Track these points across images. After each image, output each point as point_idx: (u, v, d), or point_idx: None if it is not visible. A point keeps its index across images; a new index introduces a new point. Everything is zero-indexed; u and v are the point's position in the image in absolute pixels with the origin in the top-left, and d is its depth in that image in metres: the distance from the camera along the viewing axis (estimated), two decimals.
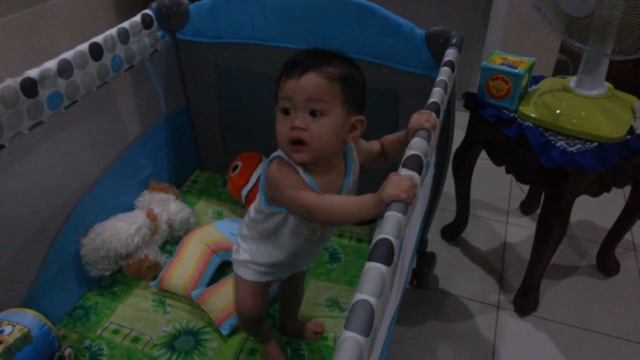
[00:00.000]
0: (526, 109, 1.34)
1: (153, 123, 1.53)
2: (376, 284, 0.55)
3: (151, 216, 1.36)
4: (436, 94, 0.97)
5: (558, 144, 1.25)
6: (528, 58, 1.37)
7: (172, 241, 1.46)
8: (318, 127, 0.81)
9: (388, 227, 0.63)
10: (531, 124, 1.32)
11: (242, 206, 1.59)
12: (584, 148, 1.23)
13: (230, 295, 1.22)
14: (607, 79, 1.33)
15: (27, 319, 1.02)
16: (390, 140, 0.97)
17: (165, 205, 1.44)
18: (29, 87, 1.07)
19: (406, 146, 0.82)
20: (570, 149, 1.23)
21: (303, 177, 0.85)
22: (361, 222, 0.97)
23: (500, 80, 1.34)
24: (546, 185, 1.33)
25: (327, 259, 1.43)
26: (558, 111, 1.30)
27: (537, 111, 1.32)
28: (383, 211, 0.68)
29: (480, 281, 1.64)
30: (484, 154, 1.51)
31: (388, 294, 0.59)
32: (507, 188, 2.03)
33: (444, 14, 2.42)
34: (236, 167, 1.59)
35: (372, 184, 0.81)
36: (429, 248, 1.55)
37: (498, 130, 1.36)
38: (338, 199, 0.82)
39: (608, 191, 1.36)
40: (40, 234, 1.16)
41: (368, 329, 0.50)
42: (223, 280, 1.29)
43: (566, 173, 1.25)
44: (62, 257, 1.24)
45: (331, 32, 1.32)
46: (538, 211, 1.50)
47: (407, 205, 0.68)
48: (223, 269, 1.37)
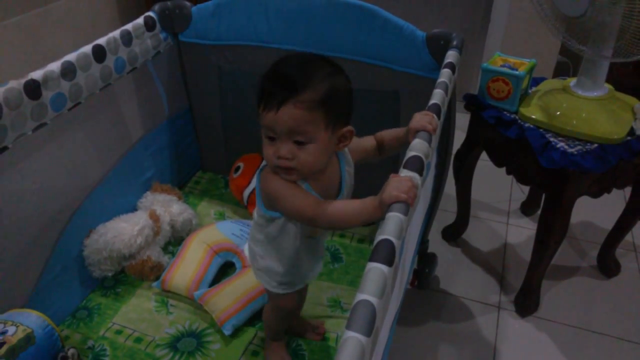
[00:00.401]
0: (527, 111, 1.34)
1: (156, 124, 1.54)
2: (378, 285, 0.55)
3: (154, 217, 1.37)
4: (437, 96, 0.97)
5: (558, 145, 1.25)
6: (528, 60, 1.38)
7: (175, 242, 1.47)
8: (305, 155, 0.80)
9: (389, 228, 0.64)
10: (532, 125, 1.32)
11: (244, 207, 1.59)
12: (585, 149, 1.23)
13: (232, 295, 1.23)
14: (608, 81, 1.33)
15: (31, 320, 1.02)
16: (388, 137, 0.96)
17: (167, 206, 1.45)
18: (33, 89, 1.07)
19: (406, 145, 0.82)
20: (570, 150, 1.23)
21: (300, 185, 0.84)
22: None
23: (500, 81, 1.34)
24: (547, 186, 1.33)
25: (329, 259, 1.43)
26: (558, 112, 1.30)
27: (538, 112, 1.33)
28: (385, 213, 0.68)
29: (481, 282, 1.64)
30: (485, 155, 1.52)
31: (389, 295, 0.59)
32: (508, 189, 2.03)
33: (445, 16, 2.43)
34: (238, 168, 1.59)
35: (372, 186, 0.81)
36: (430, 249, 1.55)
37: (499, 131, 1.36)
38: (339, 204, 0.81)
39: (608, 192, 1.36)
40: (43, 235, 1.17)
41: (370, 329, 0.51)
42: (225, 280, 1.30)
43: (567, 174, 1.25)
44: (65, 258, 1.24)
45: (332, 35, 1.32)
46: (538, 212, 1.50)
47: (408, 206, 0.68)
48: (225, 270, 1.38)
